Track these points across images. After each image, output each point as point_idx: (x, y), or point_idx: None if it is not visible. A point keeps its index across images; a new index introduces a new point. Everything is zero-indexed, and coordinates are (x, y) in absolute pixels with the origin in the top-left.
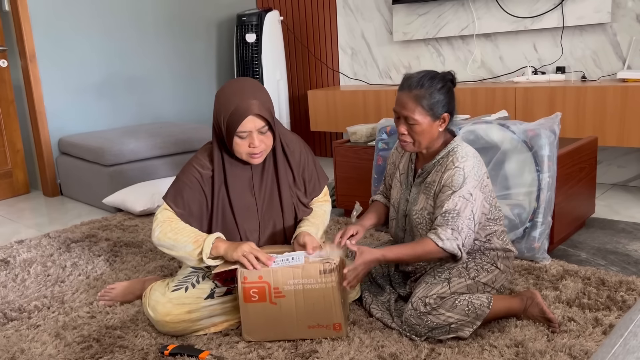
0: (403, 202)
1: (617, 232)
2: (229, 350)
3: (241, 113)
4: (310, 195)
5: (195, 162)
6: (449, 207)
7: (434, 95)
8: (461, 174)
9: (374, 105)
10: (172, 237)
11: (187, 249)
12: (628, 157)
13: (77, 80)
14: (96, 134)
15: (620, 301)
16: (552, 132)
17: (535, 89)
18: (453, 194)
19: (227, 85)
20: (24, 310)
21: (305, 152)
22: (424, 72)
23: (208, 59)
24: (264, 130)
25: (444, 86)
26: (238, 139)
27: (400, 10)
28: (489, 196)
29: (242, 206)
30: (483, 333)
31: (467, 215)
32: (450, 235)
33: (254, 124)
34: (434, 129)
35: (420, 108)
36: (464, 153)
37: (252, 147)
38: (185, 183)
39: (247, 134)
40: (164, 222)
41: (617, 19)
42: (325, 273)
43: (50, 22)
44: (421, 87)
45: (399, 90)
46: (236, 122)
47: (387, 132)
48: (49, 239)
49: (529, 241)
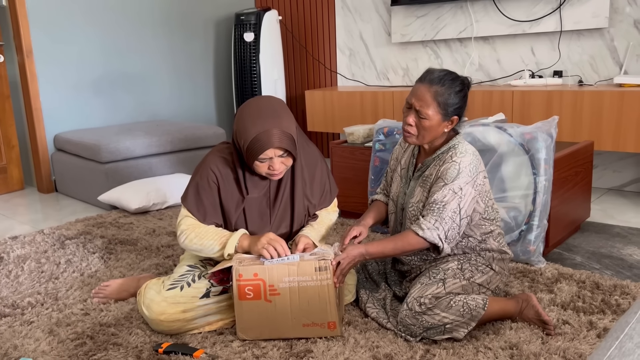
0: (401, 196)
1: (612, 237)
2: (223, 349)
3: (262, 145)
4: (320, 206)
5: (212, 164)
6: (437, 197)
7: (452, 96)
8: (456, 168)
9: (372, 106)
10: (197, 243)
11: (214, 250)
12: (623, 162)
13: (74, 76)
14: (92, 131)
15: (615, 305)
16: (549, 136)
17: (532, 93)
18: (444, 186)
19: (248, 108)
20: (18, 307)
21: (322, 164)
22: (447, 71)
23: (206, 58)
24: (284, 155)
25: (461, 90)
26: (258, 163)
27: (398, 12)
28: (484, 196)
29: (256, 214)
30: (478, 335)
31: (452, 208)
32: (432, 225)
33: (274, 153)
34: (440, 127)
35: (435, 104)
36: (464, 150)
37: (272, 170)
38: (204, 187)
39: (268, 159)
40: (187, 229)
41: (614, 24)
42: (321, 270)
43: (48, 17)
44: (442, 85)
45: (418, 82)
46: (256, 152)
47: (384, 133)
48: (44, 236)
49: (524, 244)
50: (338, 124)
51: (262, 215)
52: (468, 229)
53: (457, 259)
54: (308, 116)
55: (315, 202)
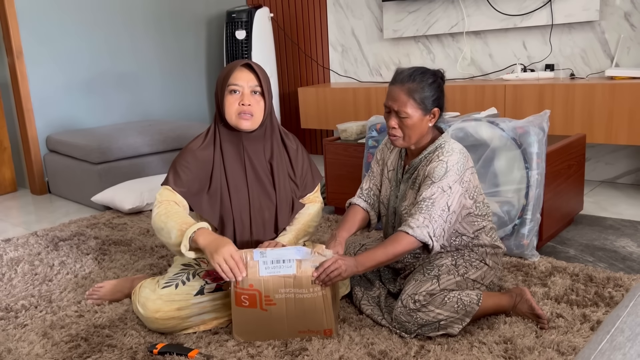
0: (393, 199)
1: (605, 229)
2: (218, 349)
3: (234, 65)
4: (302, 190)
5: (188, 145)
6: (426, 195)
7: (425, 89)
8: (444, 166)
9: (364, 102)
10: (164, 220)
11: (171, 235)
12: (616, 155)
13: (65, 77)
14: (84, 131)
15: (608, 297)
16: (541, 130)
17: (524, 87)
18: (432, 184)
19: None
20: (11, 310)
21: (302, 149)
22: (415, 67)
23: (197, 56)
24: (256, 89)
25: (434, 81)
26: (229, 96)
27: (390, 8)
28: (472, 192)
29: (234, 174)
30: (472, 330)
31: (441, 206)
32: (421, 223)
33: (246, 78)
34: (424, 123)
35: (412, 101)
36: (450, 148)
37: (242, 105)
38: (182, 164)
39: (239, 90)
40: (161, 202)
41: (605, 16)
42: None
43: (38, 18)
44: (413, 81)
45: (391, 84)
46: (228, 75)
47: (377, 130)
48: (37, 238)
49: (517, 238)
50: (331, 121)
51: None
52: (460, 227)
53: (451, 255)
54: (301, 113)
55: (299, 183)
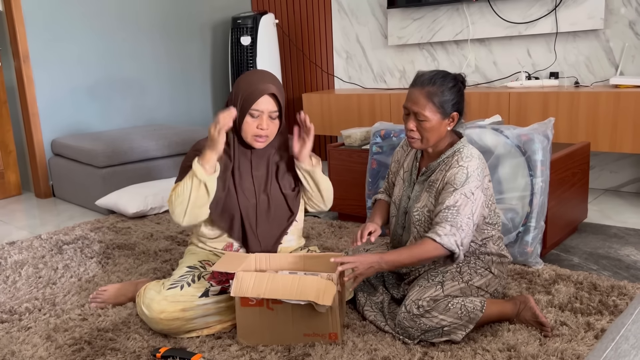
0: (404, 199)
1: (609, 237)
2: (221, 354)
3: (259, 92)
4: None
5: (197, 144)
6: (450, 203)
7: (445, 93)
8: (464, 172)
9: (369, 108)
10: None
11: (185, 182)
12: (620, 163)
13: (71, 81)
14: (89, 135)
15: (612, 306)
16: (545, 137)
17: (528, 94)
18: (455, 191)
19: (250, 72)
20: (15, 312)
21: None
22: (437, 70)
23: (202, 62)
24: (274, 115)
25: (455, 85)
26: (249, 118)
27: (395, 15)
28: (489, 200)
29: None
30: (476, 337)
31: (466, 214)
32: (449, 231)
33: (267, 106)
34: (442, 127)
35: (431, 105)
36: (469, 153)
37: (260, 129)
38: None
39: (259, 115)
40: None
41: (610, 25)
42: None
43: (44, 22)
44: (433, 84)
45: (411, 86)
46: (252, 100)
47: (382, 136)
48: (41, 241)
49: (521, 245)
50: (335, 127)
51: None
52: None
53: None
54: None
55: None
